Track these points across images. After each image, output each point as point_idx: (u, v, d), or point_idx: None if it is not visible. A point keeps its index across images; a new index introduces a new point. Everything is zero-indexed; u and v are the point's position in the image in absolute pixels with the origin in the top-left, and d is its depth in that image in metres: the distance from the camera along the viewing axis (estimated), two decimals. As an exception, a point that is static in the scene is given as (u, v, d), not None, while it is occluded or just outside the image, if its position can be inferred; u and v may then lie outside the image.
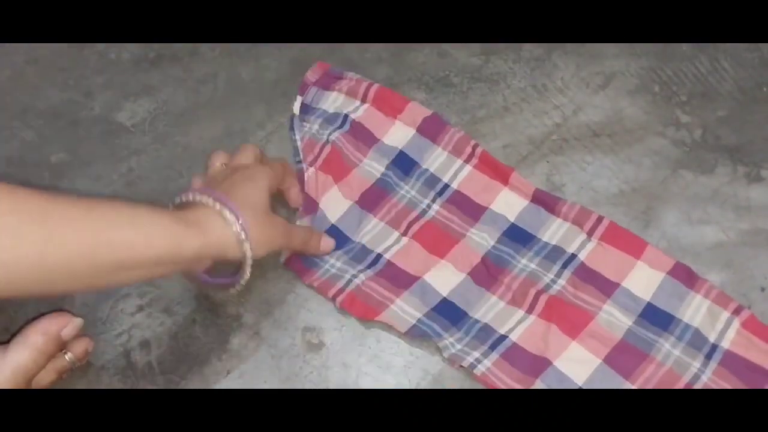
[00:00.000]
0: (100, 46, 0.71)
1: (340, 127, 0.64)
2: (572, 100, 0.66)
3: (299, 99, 0.66)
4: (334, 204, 0.61)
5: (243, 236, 0.48)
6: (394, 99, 0.65)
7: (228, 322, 0.56)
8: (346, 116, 0.64)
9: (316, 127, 0.64)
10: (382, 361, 0.53)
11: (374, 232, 0.59)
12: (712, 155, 0.62)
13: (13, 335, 0.47)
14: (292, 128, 0.65)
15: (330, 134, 0.63)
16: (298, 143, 0.63)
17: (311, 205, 0.60)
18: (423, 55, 0.70)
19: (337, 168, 0.62)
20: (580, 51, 0.69)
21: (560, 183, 0.61)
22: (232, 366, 0.54)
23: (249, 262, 0.49)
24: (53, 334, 0.47)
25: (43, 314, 0.48)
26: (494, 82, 0.68)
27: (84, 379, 0.52)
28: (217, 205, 0.48)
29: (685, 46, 0.69)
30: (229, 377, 0.53)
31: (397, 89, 0.67)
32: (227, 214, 0.47)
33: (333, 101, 0.66)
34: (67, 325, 0.48)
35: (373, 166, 0.62)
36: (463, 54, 0.70)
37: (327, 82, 0.66)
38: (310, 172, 0.62)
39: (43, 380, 0.48)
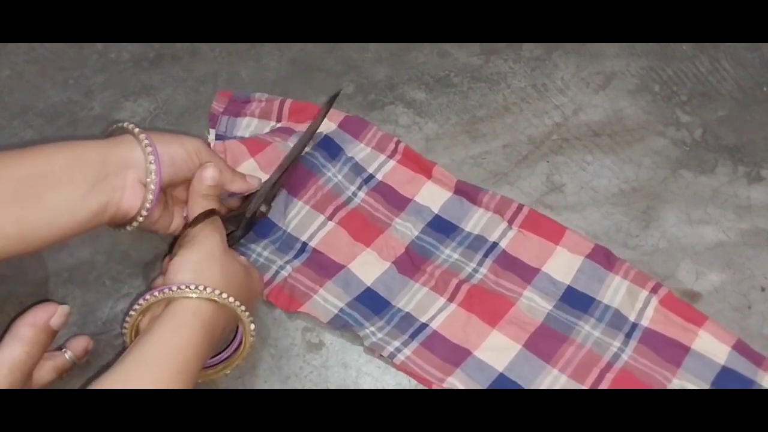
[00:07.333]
0: (100, 46, 0.71)
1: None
2: (572, 100, 0.66)
3: (212, 132, 0.64)
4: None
5: (146, 140, 0.49)
6: (311, 108, 0.64)
7: (228, 321, 0.56)
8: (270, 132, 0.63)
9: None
10: (382, 361, 0.53)
11: (300, 216, 0.59)
12: (712, 155, 0.62)
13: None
14: None
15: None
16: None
17: None
18: (423, 55, 0.70)
19: (252, 144, 0.61)
20: (580, 51, 0.69)
21: (560, 182, 0.61)
22: (232, 366, 0.54)
23: (154, 179, 0.48)
24: (42, 324, 0.46)
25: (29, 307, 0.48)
26: (494, 82, 0.68)
27: (84, 379, 0.52)
28: (130, 126, 0.50)
29: (685, 46, 0.69)
30: (229, 377, 0.53)
31: (397, 89, 0.67)
32: (135, 129, 0.49)
33: (246, 126, 0.65)
34: (54, 313, 0.47)
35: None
36: (463, 54, 0.70)
37: (236, 109, 0.65)
38: (216, 143, 0.61)
39: (43, 379, 0.48)
